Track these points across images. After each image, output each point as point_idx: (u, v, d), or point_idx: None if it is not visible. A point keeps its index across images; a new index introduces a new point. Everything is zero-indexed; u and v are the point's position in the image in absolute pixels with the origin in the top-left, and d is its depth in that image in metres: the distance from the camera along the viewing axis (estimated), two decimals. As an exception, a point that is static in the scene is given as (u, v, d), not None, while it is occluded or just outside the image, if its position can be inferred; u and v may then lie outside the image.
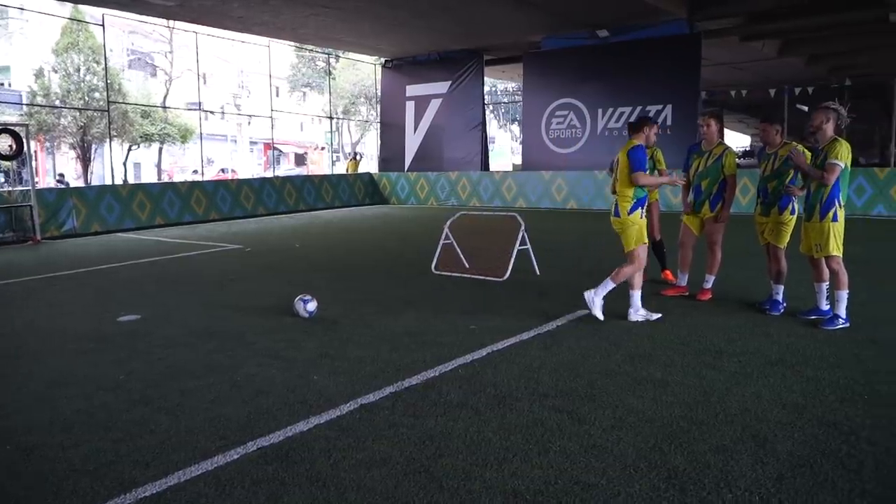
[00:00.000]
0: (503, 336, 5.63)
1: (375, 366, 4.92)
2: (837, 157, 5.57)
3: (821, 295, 6.04)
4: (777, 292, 6.38)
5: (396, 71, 22.84)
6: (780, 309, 6.29)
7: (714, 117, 6.97)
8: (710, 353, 5.05)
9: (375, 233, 14.15)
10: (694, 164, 6.92)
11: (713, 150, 6.83)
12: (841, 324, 5.70)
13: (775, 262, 6.36)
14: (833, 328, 5.66)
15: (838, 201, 5.66)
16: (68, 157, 36.24)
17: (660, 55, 17.54)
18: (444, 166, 21.49)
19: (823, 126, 5.70)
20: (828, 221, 5.66)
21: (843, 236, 5.73)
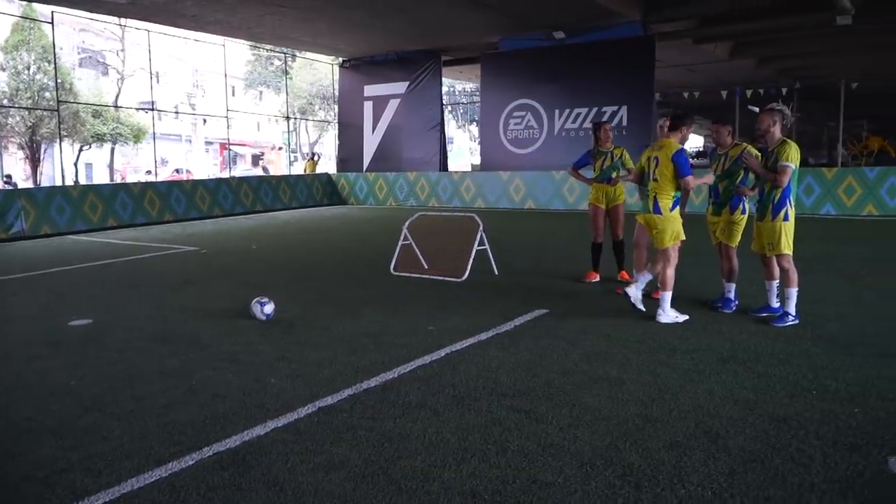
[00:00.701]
0: (462, 336, 5.65)
1: (334, 368, 4.89)
2: (788, 159, 5.71)
3: (771, 293, 6.19)
4: (729, 290, 6.51)
5: (354, 71, 22.73)
6: (732, 307, 6.42)
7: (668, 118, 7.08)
8: (664, 351, 5.14)
9: (334, 233, 14.07)
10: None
11: None
12: (790, 321, 5.84)
13: (727, 261, 6.50)
14: (783, 325, 5.81)
15: (789, 201, 5.81)
16: (16, 157, 35.20)
17: (615, 57, 17.77)
18: (402, 167, 21.45)
19: (771, 128, 5.84)
20: (779, 221, 5.80)
21: (794, 235, 5.88)
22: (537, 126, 19.32)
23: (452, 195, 20.07)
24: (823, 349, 5.10)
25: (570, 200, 17.92)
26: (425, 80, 21.15)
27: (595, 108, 18.35)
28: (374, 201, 21.51)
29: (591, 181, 7.95)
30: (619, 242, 8.00)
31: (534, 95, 19.28)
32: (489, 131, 20.39)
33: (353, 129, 22.88)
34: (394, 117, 21.85)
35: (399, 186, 21.03)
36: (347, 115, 23.11)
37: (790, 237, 5.84)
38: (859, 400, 4.06)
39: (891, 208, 14.46)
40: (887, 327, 5.65)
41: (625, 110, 17.85)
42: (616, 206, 7.88)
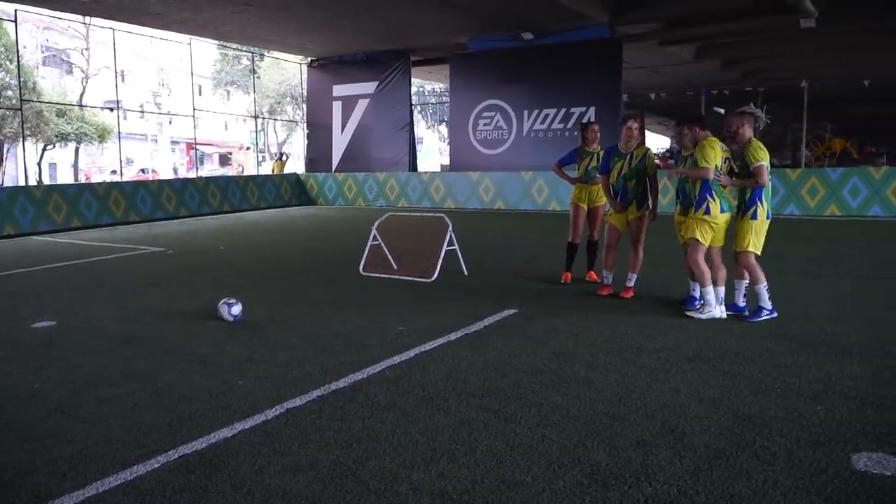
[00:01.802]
0: (431, 337, 5.64)
1: (302, 369, 4.85)
2: (759, 160, 5.83)
3: (738, 291, 6.27)
4: (694, 289, 6.60)
5: (323, 70, 22.59)
6: (696, 305, 6.49)
7: (635, 118, 7.17)
8: (631, 351, 5.19)
9: (302, 234, 13.96)
10: (616, 166, 7.07)
11: (635, 151, 7.01)
12: (766, 315, 5.97)
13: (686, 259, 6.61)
14: (758, 320, 5.95)
15: (759, 200, 5.91)
16: (-24, 157, 34.37)
17: (583, 58, 17.91)
18: (371, 167, 21.38)
19: (740, 130, 5.96)
20: (747, 219, 5.92)
21: (764, 235, 5.98)
22: (506, 127, 19.39)
23: (422, 195, 20.04)
24: (787, 348, 5.19)
25: (539, 201, 18.01)
26: (394, 80, 21.10)
27: (563, 109, 18.48)
28: (343, 202, 21.40)
29: (574, 180, 7.98)
30: (594, 243, 8.06)
31: (503, 96, 19.35)
32: (458, 132, 20.42)
33: (321, 129, 22.74)
34: (363, 117, 21.77)
35: (368, 187, 20.96)
36: (316, 114, 22.96)
37: (757, 236, 5.93)
38: (822, 398, 4.13)
39: (853, 209, 14.78)
40: (849, 326, 5.77)
41: (593, 111, 17.98)
42: (597, 206, 7.91)
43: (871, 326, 5.72)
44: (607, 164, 7.16)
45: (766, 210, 5.92)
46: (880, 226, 13.19)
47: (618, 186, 7.05)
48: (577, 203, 7.93)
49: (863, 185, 14.76)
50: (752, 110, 6.03)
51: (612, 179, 7.10)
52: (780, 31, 17.91)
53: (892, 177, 14.63)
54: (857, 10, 16.22)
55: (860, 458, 3.33)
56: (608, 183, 7.14)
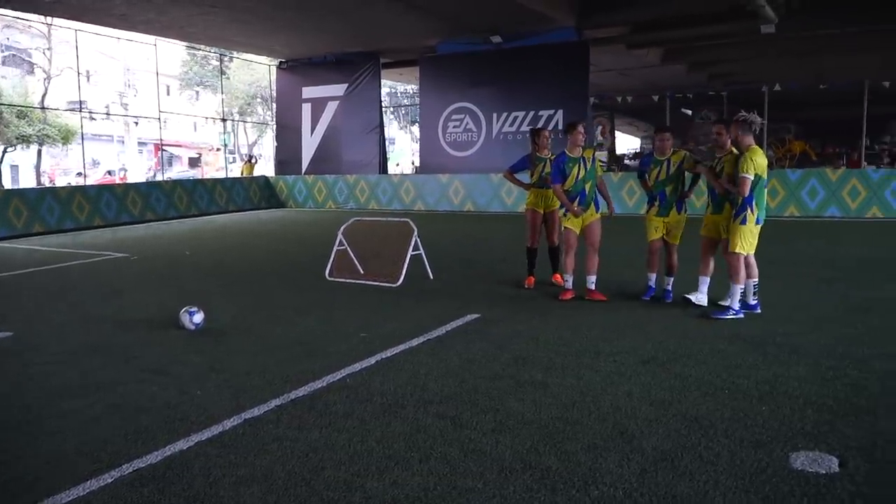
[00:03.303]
0: (393, 343, 5.69)
1: (263, 378, 4.88)
2: (746, 172, 6.08)
3: (748, 291, 6.46)
4: (668, 283, 7.09)
5: (292, 72, 22.51)
6: (670, 297, 7.02)
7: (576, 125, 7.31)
8: (589, 354, 5.30)
9: (270, 238, 13.92)
10: (572, 171, 7.14)
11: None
12: (731, 315, 6.23)
13: (669, 257, 7.09)
14: (722, 317, 6.21)
15: (750, 207, 6.17)
16: (-65, 159, 33.62)
17: (550, 61, 18.08)
18: (342, 169, 21.36)
19: (739, 139, 6.21)
20: (737, 223, 6.22)
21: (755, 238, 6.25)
22: (476, 129, 19.51)
23: (392, 198, 20.08)
24: (739, 349, 5.33)
25: (509, 203, 18.14)
26: (364, 82, 21.10)
27: (532, 112, 18.65)
28: (313, 204, 21.35)
29: (529, 186, 8.07)
30: (555, 247, 8.15)
31: (472, 98, 19.47)
32: (428, 134, 20.50)
33: (291, 132, 22.66)
34: (332, 119, 21.74)
35: (339, 189, 20.94)
36: (285, 117, 22.87)
37: (745, 239, 6.20)
38: (768, 398, 4.27)
39: (811, 210, 15.12)
40: (800, 326, 5.94)
41: (561, 114, 18.16)
42: (553, 210, 8.01)
43: (821, 327, 5.90)
44: (562, 170, 7.16)
45: (755, 216, 6.19)
46: (837, 227, 13.51)
47: (576, 190, 7.13)
48: (532, 208, 8.02)
49: (820, 187, 15.11)
50: (746, 116, 6.22)
51: (569, 184, 7.16)
52: (742, 35, 18.25)
53: (848, 179, 15.00)
54: (815, 16, 16.58)
55: (798, 457, 3.46)
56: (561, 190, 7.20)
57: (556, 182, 7.17)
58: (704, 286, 6.89)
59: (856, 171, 15.51)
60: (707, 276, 6.88)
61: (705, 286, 6.88)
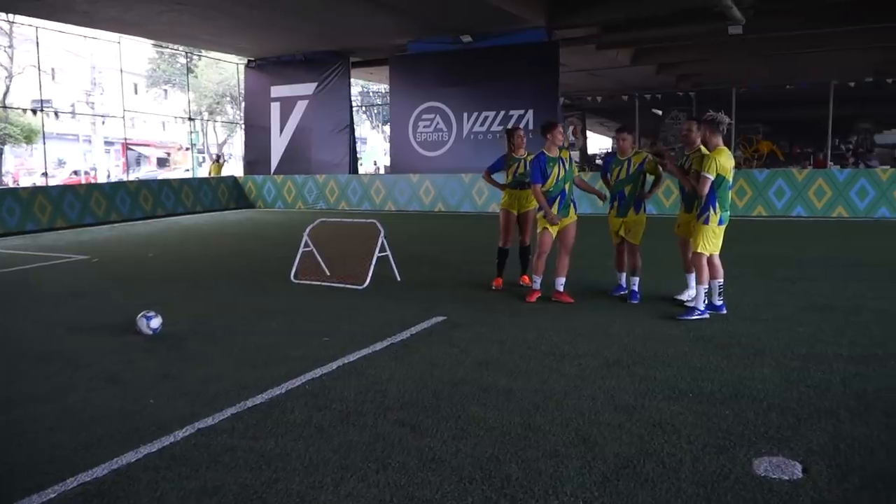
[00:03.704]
0: (356, 347, 5.58)
1: (219, 385, 4.74)
2: (708, 171, 6.08)
3: (713, 291, 6.44)
4: (634, 283, 7.11)
5: (260, 71, 22.23)
6: (637, 298, 7.01)
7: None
8: (554, 357, 5.23)
9: (237, 239, 13.70)
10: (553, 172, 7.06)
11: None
12: (697, 315, 6.23)
13: (633, 258, 7.09)
14: (688, 318, 6.21)
15: (713, 207, 6.17)
16: None
17: (521, 61, 18.07)
18: (311, 169, 21.14)
19: (708, 137, 6.22)
20: (700, 223, 6.22)
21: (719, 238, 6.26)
22: (446, 129, 19.43)
23: (363, 198, 19.92)
24: (703, 350, 5.31)
25: (480, 203, 18.09)
26: (334, 81, 20.91)
27: (502, 112, 18.62)
28: (282, 204, 21.11)
29: (505, 186, 8.00)
30: (525, 248, 8.10)
31: (442, 98, 19.39)
32: (399, 133, 20.38)
33: (260, 131, 22.39)
34: (302, 119, 21.51)
35: (308, 189, 20.72)
36: (254, 116, 22.59)
37: (708, 239, 6.21)
38: (731, 402, 4.23)
39: (778, 210, 15.27)
40: (764, 327, 5.94)
41: (531, 114, 18.16)
42: (527, 211, 7.95)
43: (785, 327, 5.90)
44: (543, 171, 7.07)
45: (718, 216, 6.20)
46: (803, 226, 13.65)
47: (557, 191, 7.06)
48: (506, 209, 7.96)
49: (787, 187, 15.26)
50: (715, 116, 6.22)
51: (549, 184, 7.07)
52: (709, 36, 18.41)
53: (814, 179, 15.17)
54: (782, 18, 16.77)
55: (761, 462, 3.42)
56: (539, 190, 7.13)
57: (537, 181, 7.04)
58: (693, 281, 6.87)
59: (821, 172, 15.70)
60: (692, 272, 6.87)
61: (693, 281, 6.87)
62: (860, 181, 14.70)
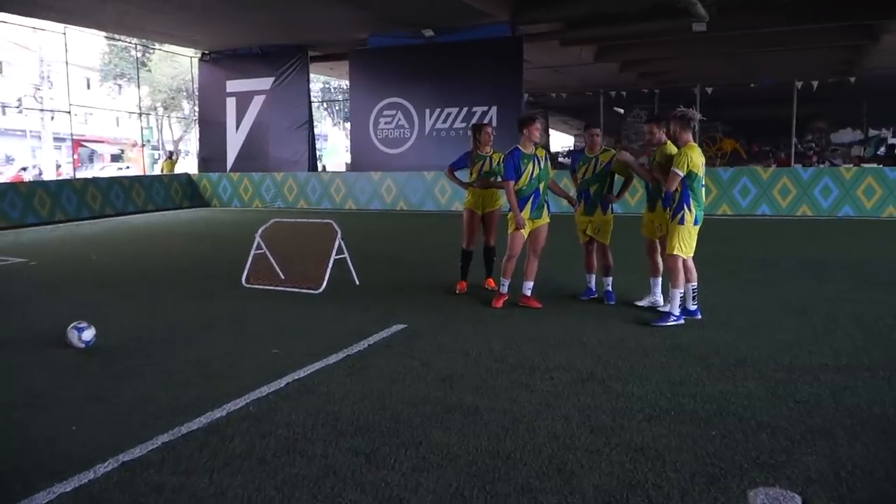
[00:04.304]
0: (309, 360, 5.12)
1: (152, 408, 4.24)
2: (679, 166, 5.81)
3: (687, 295, 6.16)
4: (608, 284, 6.87)
5: (215, 65, 21.48)
6: (612, 298, 6.80)
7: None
8: (523, 370, 4.84)
9: (188, 240, 13.07)
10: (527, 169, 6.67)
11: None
12: (672, 320, 5.91)
13: (604, 258, 6.83)
14: (664, 324, 5.88)
15: (687, 205, 5.86)
16: None
17: (484, 57, 17.70)
18: (269, 166, 20.49)
19: (678, 134, 5.95)
20: (675, 223, 5.91)
21: (694, 239, 5.96)
22: (408, 125, 18.98)
23: (322, 196, 19.36)
24: (681, 361, 4.97)
25: (443, 201, 17.69)
26: (291, 75, 20.29)
27: (465, 108, 18.25)
28: (238, 203, 20.42)
29: (469, 185, 7.58)
30: (490, 249, 7.70)
31: (404, 94, 18.93)
32: (359, 130, 19.87)
33: (215, 127, 21.62)
34: (259, 114, 20.82)
35: (266, 187, 20.08)
36: (209, 111, 21.82)
37: (683, 240, 5.91)
38: (716, 420, 3.89)
39: (743, 208, 15.15)
40: (741, 333, 5.64)
41: (495, 110, 17.82)
42: (491, 211, 7.55)
43: (762, 333, 5.61)
44: (517, 167, 6.58)
45: (693, 216, 5.90)
46: (768, 225, 13.53)
47: (530, 190, 6.65)
48: (470, 209, 7.54)
49: (752, 186, 15.16)
50: (685, 112, 5.95)
51: (523, 182, 6.62)
52: (674, 34, 18.28)
53: (779, 177, 15.09)
54: (746, 15, 16.70)
55: (757, 495, 3.07)
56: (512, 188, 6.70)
57: (510, 178, 6.58)
58: (657, 287, 6.65)
59: (786, 170, 15.64)
60: (658, 276, 6.63)
61: (658, 287, 6.64)
62: (824, 180, 14.65)
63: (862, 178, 14.40)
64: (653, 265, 6.66)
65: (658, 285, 6.68)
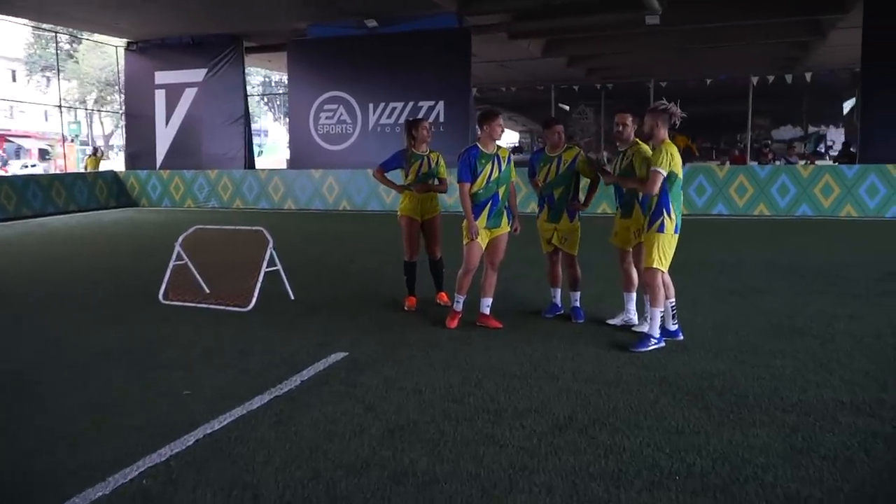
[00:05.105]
0: (226, 404, 4.20)
1: (15, 479, 3.26)
2: (658, 164, 5.08)
3: (667, 312, 5.45)
4: (575, 299, 6.14)
5: (142, 55, 20.06)
6: (581, 316, 6.08)
7: None
8: (488, 414, 4.01)
9: (108, 245, 11.84)
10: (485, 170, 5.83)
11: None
12: (653, 344, 5.19)
13: (571, 270, 6.12)
14: (645, 349, 5.15)
15: (666, 211, 5.13)
16: None
17: (431, 49, 16.88)
18: (202, 163, 19.21)
19: (655, 131, 5.23)
20: (653, 231, 5.16)
21: (672, 250, 5.25)
22: (350, 121, 18.00)
23: (259, 196, 18.22)
24: (673, 400, 4.21)
25: (388, 201, 16.76)
26: (225, 67, 19.06)
27: (411, 103, 17.38)
28: (169, 203, 19.10)
29: (405, 188, 6.69)
30: (436, 262, 6.84)
31: (346, 88, 17.96)
32: (299, 126, 18.78)
33: (143, 121, 20.19)
34: (191, 108, 19.52)
35: (198, 186, 18.82)
36: (136, 104, 20.37)
37: (664, 251, 5.18)
38: (735, 489, 3.12)
39: (699, 207, 14.68)
40: (732, 360, 4.92)
41: (442, 105, 17.01)
42: (432, 218, 6.69)
43: (758, 362, 4.88)
44: (473, 167, 5.75)
45: (674, 223, 5.17)
46: (727, 225, 13.04)
47: (487, 195, 5.83)
48: (408, 216, 6.63)
49: (708, 184, 14.70)
50: (666, 106, 5.24)
51: (478, 185, 5.79)
52: (625, 27, 17.78)
53: (735, 175, 14.67)
54: (700, 9, 16.29)
55: None
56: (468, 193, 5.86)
57: (465, 180, 5.75)
58: (631, 303, 5.92)
59: (742, 168, 15.25)
60: (632, 291, 5.89)
61: (632, 303, 5.90)
62: (781, 178, 14.27)
63: (819, 176, 14.07)
64: (626, 278, 5.92)
65: (632, 301, 5.95)
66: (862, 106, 14.32)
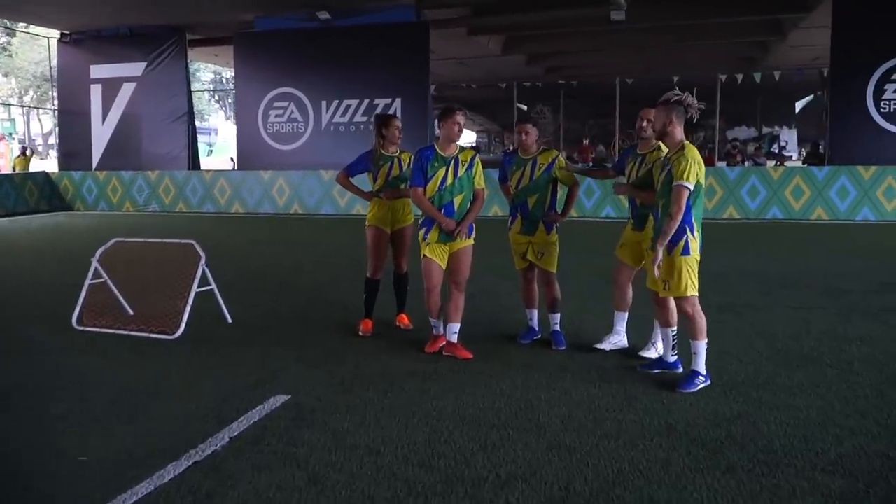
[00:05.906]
0: (130, 477, 3.30)
1: None
2: (684, 178, 4.18)
3: (667, 342, 4.73)
4: (555, 322, 5.35)
5: (76, 47, 18.69)
6: (562, 342, 5.30)
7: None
8: (463, 486, 3.19)
9: (29, 257, 10.68)
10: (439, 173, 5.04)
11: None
12: (701, 383, 4.40)
13: (548, 288, 5.33)
14: (693, 389, 4.34)
15: (689, 228, 4.29)
16: None
17: (387, 43, 15.98)
18: (142, 164, 17.97)
19: (668, 129, 4.37)
20: (676, 255, 4.30)
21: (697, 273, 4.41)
22: (302, 119, 17.00)
23: (204, 198, 17.10)
24: (689, 460, 3.43)
25: (342, 204, 15.85)
26: (167, 60, 17.86)
27: (367, 101, 16.49)
28: (106, 206, 17.81)
29: (373, 195, 5.81)
30: (402, 277, 5.98)
31: (297, 84, 16.96)
32: (247, 124, 17.69)
33: (78, 118, 18.81)
34: (129, 104, 18.25)
35: (138, 188, 17.59)
36: (70, 100, 18.97)
37: (693, 275, 4.35)
38: None
39: (668, 210, 14.10)
40: (746, 400, 4.19)
41: (399, 103, 16.14)
42: (402, 228, 5.81)
43: (779, 402, 4.14)
44: (424, 170, 5.03)
45: (698, 242, 4.36)
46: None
47: (439, 203, 5.04)
48: (376, 226, 5.76)
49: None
50: (681, 97, 4.40)
51: (428, 192, 5.04)
52: (589, 23, 17.18)
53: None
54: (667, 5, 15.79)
55: None
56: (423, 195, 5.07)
57: (416, 184, 5.02)
58: (621, 324, 5.18)
59: (711, 170, 14.73)
60: (624, 310, 5.16)
61: (622, 324, 5.16)
62: (751, 180, 13.78)
63: (790, 178, 13.62)
64: (620, 296, 5.16)
65: (623, 322, 5.20)
66: (831, 106, 13.91)
